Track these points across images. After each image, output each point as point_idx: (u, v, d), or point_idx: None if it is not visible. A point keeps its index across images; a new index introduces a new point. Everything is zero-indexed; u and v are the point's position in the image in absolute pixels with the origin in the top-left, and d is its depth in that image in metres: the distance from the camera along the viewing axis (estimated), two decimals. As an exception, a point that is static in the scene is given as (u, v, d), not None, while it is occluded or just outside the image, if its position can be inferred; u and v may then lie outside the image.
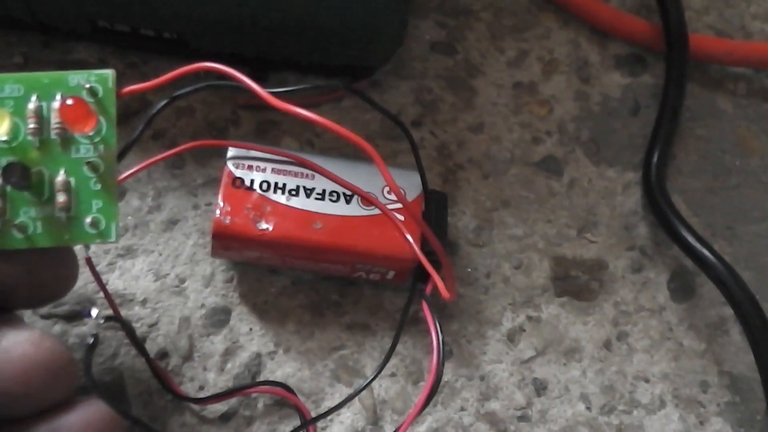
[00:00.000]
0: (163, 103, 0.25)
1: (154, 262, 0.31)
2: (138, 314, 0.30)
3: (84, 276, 0.29)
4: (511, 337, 0.32)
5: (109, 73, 0.23)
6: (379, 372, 0.29)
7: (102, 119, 0.22)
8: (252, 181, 0.28)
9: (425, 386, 0.26)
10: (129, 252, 0.30)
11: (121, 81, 0.31)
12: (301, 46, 0.31)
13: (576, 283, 0.33)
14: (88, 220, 0.22)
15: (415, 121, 0.35)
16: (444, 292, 0.26)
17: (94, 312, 0.25)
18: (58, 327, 0.29)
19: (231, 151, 0.29)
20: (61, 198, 0.21)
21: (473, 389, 0.31)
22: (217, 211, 0.28)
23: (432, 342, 0.27)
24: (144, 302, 0.30)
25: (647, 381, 0.32)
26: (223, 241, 0.28)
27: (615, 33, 0.38)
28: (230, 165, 0.29)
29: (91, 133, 0.22)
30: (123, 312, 0.30)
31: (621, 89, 0.37)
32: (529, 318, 0.32)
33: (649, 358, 0.33)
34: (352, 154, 0.33)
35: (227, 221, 0.28)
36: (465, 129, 0.35)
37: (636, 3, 0.39)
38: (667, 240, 0.34)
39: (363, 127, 0.34)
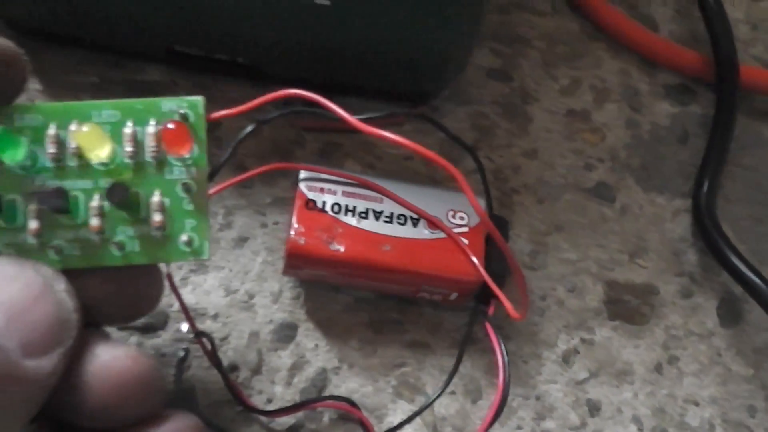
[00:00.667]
0: (250, 128, 0.26)
1: (225, 278, 0.32)
2: (209, 328, 0.31)
3: (157, 290, 0.30)
4: (566, 359, 0.33)
5: (199, 99, 0.24)
6: (442, 391, 0.30)
7: (194, 143, 0.23)
8: (324, 203, 0.30)
9: (492, 405, 0.27)
10: (201, 268, 0.32)
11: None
12: (370, 73, 0.32)
13: (627, 307, 0.34)
14: (183, 238, 0.23)
15: (472, 145, 0.36)
16: (513, 312, 0.27)
17: (184, 327, 0.26)
18: (133, 339, 0.30)
19: (303, 174, 0.30)
20: (157, 217, 0.22)
21: (529, 408, 0.32)
22: (292, 232, 0.29)
23: (498, 362, 0.28)
24: (215, 317, 0.31)
25: (697, 404, 0.33)
26: (297, 260, 0.29)
27: (664, 63, 0.39)
28: (303, 187, 0.30)
29: (185, 156, 0.23)
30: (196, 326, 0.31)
31: (670, 118, 0.38)
32: (583, 340, 0.33)
33: (699, 382, 0.33)
34: (412, 176, 0.34)
35: (302, 242, 0.29)
36: (520, 154, 0.36)
37: (685, 33, 0.40)
38: (715, 266, 0.35)
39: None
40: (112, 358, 0.22)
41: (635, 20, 0.39)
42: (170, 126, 0.22)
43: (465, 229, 0.30)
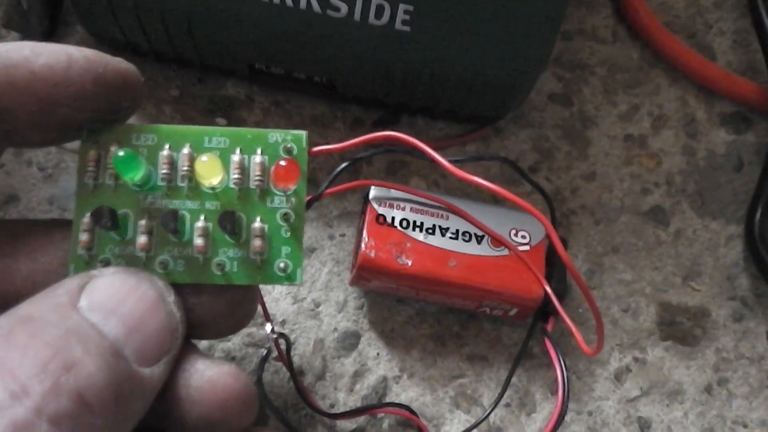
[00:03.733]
0: (345, 164, 0.29)
1: (293, 287, 0.33)
2: (279, 334, 0.32)
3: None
4: (618, 377, 0.34)
5: (303, 134, 0.25)
6: (497, 402, 0.31)
7: None
8: (393, 219, 0.31)
9: (551, 418, 0.29)
10: (272, 276, 0.33)
11: (267, 118, 0.35)
12: (441, 96, 0.33)
13: (680, 328, 0.35)
14: (279, 264, 0.24)
15: (532, 167, 0.37)
16: (586, 349, 0.28)
17: (268, 327, 0.27)
18: (205, 342, 0.32)
19: (374, 190, 0.32)
20: (257, 243, 0.24)
21: (582, 423, 0.33)
22: (363, 245, 0.30)
23: (557, 377, 0.30)
24: (283, 323, 0.33)
25: (745, 426, 0.34)
26: (367, 272, 0.30)
27: (721, 92, 0.40)
28: (373, 202, 0.31)
29: (289, 189, 0.24)
30: (264, 332, 0.32)
31: (726, 146, 0.39)
32: (636, 359, 0.34)
33: (748, 405, 0.34)
34: (474, 195, 0.36)
35: (372, 255, 0.30)
36: (578, 177, 0.37)
37: (743, 64, 0.41)
38: (767, 292, 0.36)
39: (485, 170, 0.37)
40: (217, 374, 0.23)
41: (694, 49, 0.40)
42: (282, 163, 0.24)
43: (527, 248, 0.32)
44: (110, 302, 0.21)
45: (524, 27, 0.31)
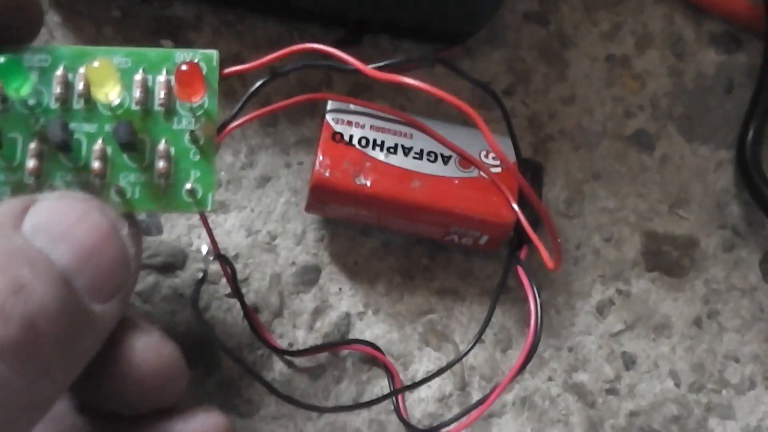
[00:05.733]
0: (262, 80, 0.25)
1: (247, 218, 0.31)
2: (230, 268, 0.30)
3: (177, 229, 0.29)
4: (601, 310, 0.32)
5: (213, 53, 0.23)
6: (475, 343, 0.29)
7: (206, 92, 0.23)
8: (351, 137, 0.28)
9: (522, 352, 0.26)
10: (222, 207, 0.30)
11: (217, 39, 0.32)
12: (402, 10, 0.31)
13: (667, 258, 0.33)
14: (186, 188, 0.22)
15: (507, 89, 0.34)
16: (549, 262, 0.26)
17: (204, 249, 0.25)
18: (151, 278, 0.29)
19: (331, 105, 0.29)
20: (161, 164, 0.22)
21: (561, 360, 0.31)
22: (317, 164, 0.28)
23: (530, 308, 0.27)
24: (236, 257, 0.30)
25: (737, 361, 0.32)
26: (322, 194, 0.28)
27: (711, 9, 0.37)
28: (330, 119, 0.28)
29: (195, 104, 0.23)
30: (216, 267, 0.30)
31: (715, 67, 0.37)
32: (619, 291, 0.32)
33: (740, 338, 0.32)
34: (443, 118, 0.33)
35: (327, 174, 0.28)
36: (557, 100, 0.35)
37: (733, -20, 0.38)
38: (760, 220, 0.34)
39: (454, 93, 0.34)
40: (141, 346, 0.21)
41: (680, -36, 0.37)
42: (184, 68, 0.22)
43: (498, 170, 0.29)
44: (58, 227, 0.18)
45: None
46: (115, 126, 0.22)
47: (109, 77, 0.21)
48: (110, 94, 0.22)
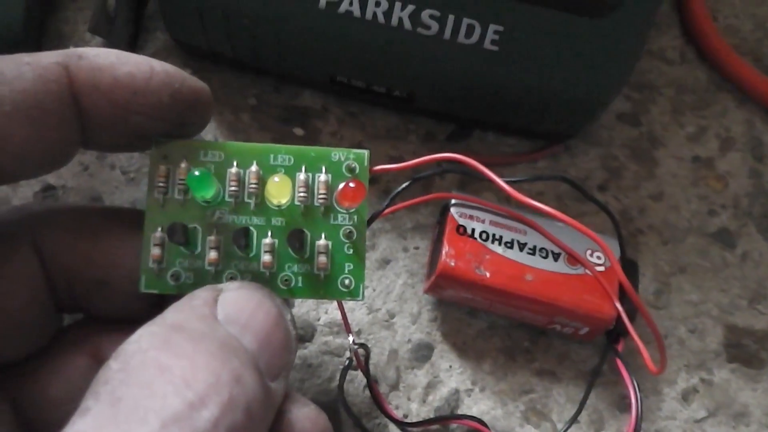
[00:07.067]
0: (406, 183, 0.30)
1: (368, 297, 0.34)
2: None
3: (306, 304, 0.32)
4: (685, 397, 0.34)
5: (365, 153, 0.25)
6: (573, 421, 0.31)
7: None
8: (473, 230, 0.31)
9: (627, 437, 0.29)
10: (347, 286, 0.34)
11: (342, 128, 0.35)
12: (518, 113, 0.34)
13: (747, 351, 0.35)
14: (344, 281, 0.25)
15: (601, 185, 0.37)
16: (652, 367, 0.29)
17: (350, 338, 0.28)
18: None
19: (455, 201, 0.32)
20: (322, 259, 0.24)
21: (649, 442, 0.33)
22: (443, 254, 0.31)
23: (630, 397, 0.30)
24: (358, 333, 0.33)
25: (810, 451, 0.34)
26: (445, 281, 0.31)
27: (789, 116, 0.40)
28: (454, 213, 0.32)
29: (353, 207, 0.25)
30: (340, 340, 0.33)
31: (792, 170, 0.40)
32: (702, 380, 0.35)
33: (813, 429, 0.35)
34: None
35: (452, 264, 0.31)
36: (646, 196, 0.38)
37: (810, 89, 0.41)
38: (833, 318, 0.36)
39: (554, 187, 0.37)
40: (297, 416, 0.23)
41: (761, 72, 0.40)
42: (352, 185, 0.24)
43: (602, 269, 0.32)
44: (242, 316, 0.21)
45: (609, 48, 0.31)
46: (290, 233, 0.24)
47: (286, 191, 0.24)
48: (282, 200, 0.24)
